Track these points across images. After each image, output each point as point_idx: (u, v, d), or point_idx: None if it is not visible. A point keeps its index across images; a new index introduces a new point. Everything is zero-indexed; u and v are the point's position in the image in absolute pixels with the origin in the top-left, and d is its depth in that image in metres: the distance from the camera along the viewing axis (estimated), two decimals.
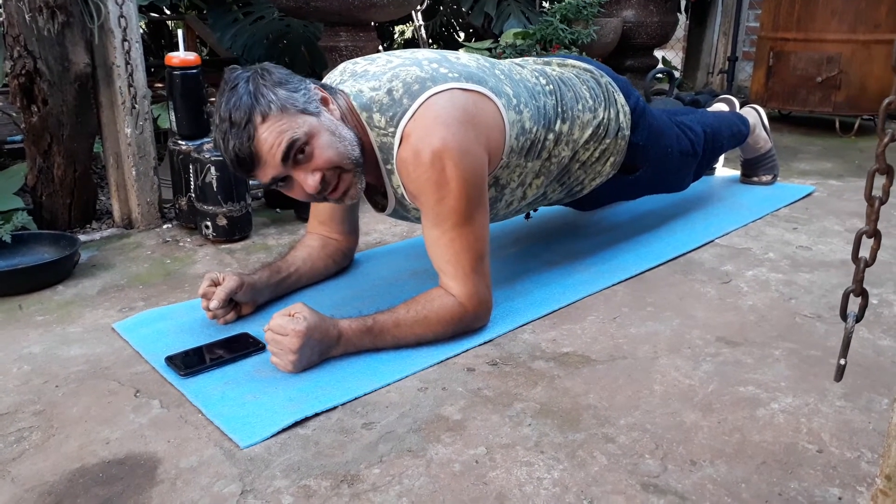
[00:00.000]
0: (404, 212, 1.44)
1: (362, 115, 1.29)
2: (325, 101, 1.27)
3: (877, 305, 1.47)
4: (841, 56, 3.05)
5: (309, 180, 1.23)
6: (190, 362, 1.26)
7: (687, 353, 1.31)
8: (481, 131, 1.31)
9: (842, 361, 0.86)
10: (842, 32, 3.04)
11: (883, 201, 0.79)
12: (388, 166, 1.32)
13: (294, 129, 1.19)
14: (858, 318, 0.84)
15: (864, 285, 0.84)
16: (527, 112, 1.41)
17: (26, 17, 1.76)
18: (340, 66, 1.45)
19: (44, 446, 1.05)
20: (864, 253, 0.82)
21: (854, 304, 0.84)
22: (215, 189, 1.86)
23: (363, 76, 1.35)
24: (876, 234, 0.81)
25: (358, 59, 1.44)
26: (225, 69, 1.26)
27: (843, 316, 0.85)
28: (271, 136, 1.18)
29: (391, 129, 1.28)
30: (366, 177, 1.39)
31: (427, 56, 1.37)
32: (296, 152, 1.20)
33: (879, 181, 0.78)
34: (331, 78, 1.43)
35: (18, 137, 2.85)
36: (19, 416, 1.13)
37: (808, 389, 1.18)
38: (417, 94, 1.27)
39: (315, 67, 3.38)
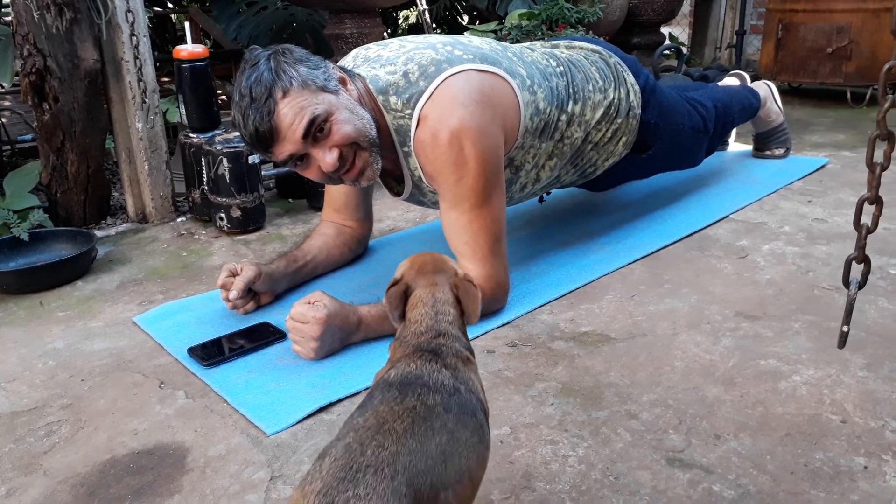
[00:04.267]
0: (420, 196, 1.44)
1: (378, 99, 1.29)
2: (343, 82, 1.27)
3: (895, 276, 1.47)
4: (850, 26, 3.01)
5: (327, 157, 1.23)
6: (212, 353, 1.27)
7: (706, 328, 1.31)
8: (497, 111, 1.30)
9: (844, 328, 0.86)
10: (851, 2, 3.00)
11: (884, 167, 0.79)
12: (406, 149, 1.32)
13: (314, 105, 1.19)
14: (861, 285, 0.85)
15: (883, 255, 0.83)
16: (540, 93, 1.40)
17: (34, 14, 1.76)
18: (353, 52, 1.45)
19: (73, 439, 1.07)
20: (867, 220, 0.82)
21: (857, 270, 0.84)
22: (228, 181, 1.87)
23: (377, 61, 1.35)
24: (878, 201, 0.81)
25: (370, 45, 1.43)
26: (245, 49, 1.26)
27: (846, 283, 0.85)
28: (291, 112, 1.18)
29: (408, 112, 1.28)
30: (382, 160, 1.39)
31: (441, 39, 1.37)
32: (315, 129, 1.20)
33: (881, 148, 0.78)
34: (344, 63, 1.43)
35: (29, 136, 2.87)
36: (48, 411, 1.14)
37: (830, 361, 1.18)
38: (433, 76, 1.27)
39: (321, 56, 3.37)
